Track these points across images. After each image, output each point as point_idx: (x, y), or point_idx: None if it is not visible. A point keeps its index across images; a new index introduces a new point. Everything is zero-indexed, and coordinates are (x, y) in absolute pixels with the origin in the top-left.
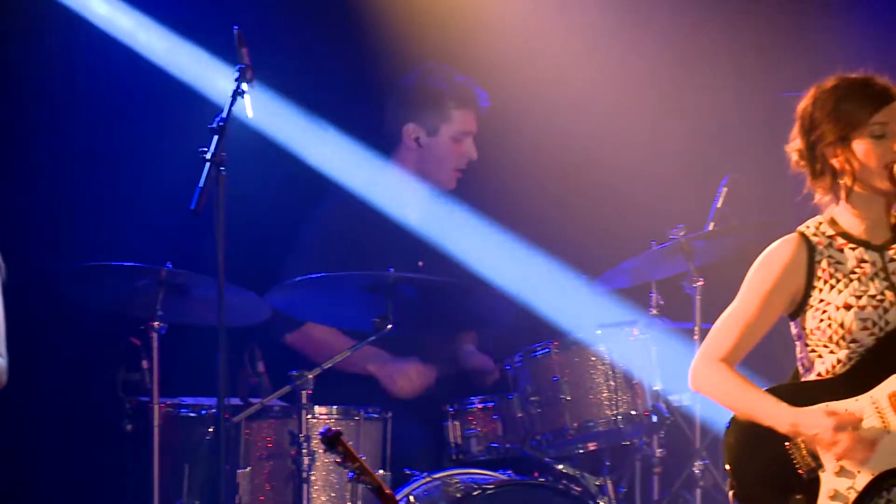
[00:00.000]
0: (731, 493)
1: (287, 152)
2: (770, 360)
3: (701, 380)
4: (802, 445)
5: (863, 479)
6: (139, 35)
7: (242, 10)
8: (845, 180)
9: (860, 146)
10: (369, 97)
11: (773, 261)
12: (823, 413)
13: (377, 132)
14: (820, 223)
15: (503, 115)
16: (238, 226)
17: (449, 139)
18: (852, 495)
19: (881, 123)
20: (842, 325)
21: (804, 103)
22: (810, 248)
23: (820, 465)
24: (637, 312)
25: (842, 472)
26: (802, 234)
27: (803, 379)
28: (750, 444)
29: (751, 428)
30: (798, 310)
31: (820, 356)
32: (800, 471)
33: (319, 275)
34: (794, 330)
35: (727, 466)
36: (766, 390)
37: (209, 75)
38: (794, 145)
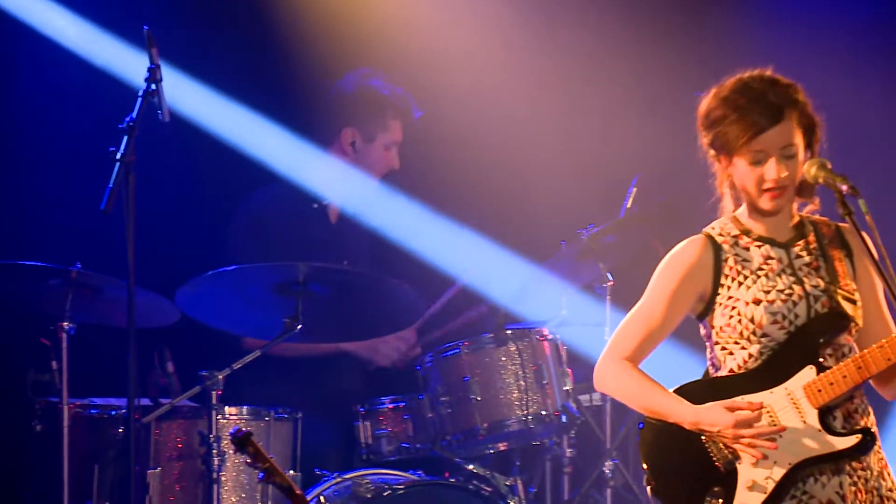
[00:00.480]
0: (649, 489)
1: (201, 153)
2: None
3: (605, 378)
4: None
5: (780, 470)
6: (51, 30)
7: (162, 5)
8: (736, 190)
9: (739, 166)
10: (296, 96)
11: (679, 261)
12: (723, 409)
13: (307, 131)
14: (725, 223)
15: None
16: (149, 227)
17: (382, 147)
18: (770, 485)
19: (756, 151)
20: (752, 320)
21: (703, 103)
22: (716, 247)
23: (737, 457)
24: (548, 312)
25: (759, 463)
26: (708, 235)
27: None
28: (666, 440)
29: (666, 424)
30: (706, 309)
31: (731, 353)
32: (717, 463)
33: (225, 268)
34: (703, 331)
35: (644, 465)
36: (680, 388)
37: (122, 72)
38: (702, 141)
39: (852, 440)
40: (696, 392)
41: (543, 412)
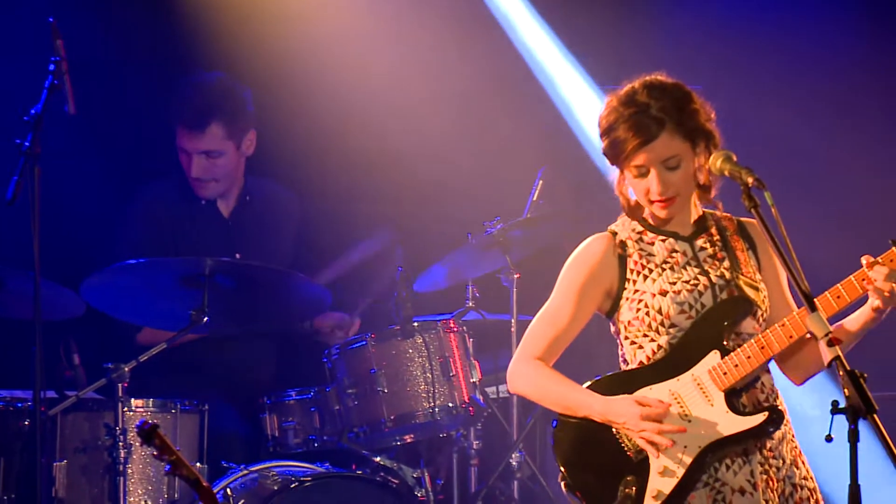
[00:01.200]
0: (563, 485)
1: (105, 144)
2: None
3: (518, 380)
4: None
5: (689, 455)
6: None
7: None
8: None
9: (627, 177)
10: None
11: (584, 259)
12: (631, 402)
13: None
14: (629, 219)
15: (311, 110)
16: (54, 219)
17: (180, 150)
18: (681, 471)
19: (638, 166)
20: (660, 311)
21: (601, 111)
22: (621, 243)
23: None
24: (454, 305)
25: (669, 450)
26: (612, 232)
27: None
28: (579, 435)
29: (578, 420)
30: (614, 305)
31: (640, 346)
32: (629, 452)
33: (134, 261)
34: (612, 328)
35: (560, 464)
36: (593, 383)
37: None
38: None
39: (759, 418)
40: (608, 386)
41: (450, 404)
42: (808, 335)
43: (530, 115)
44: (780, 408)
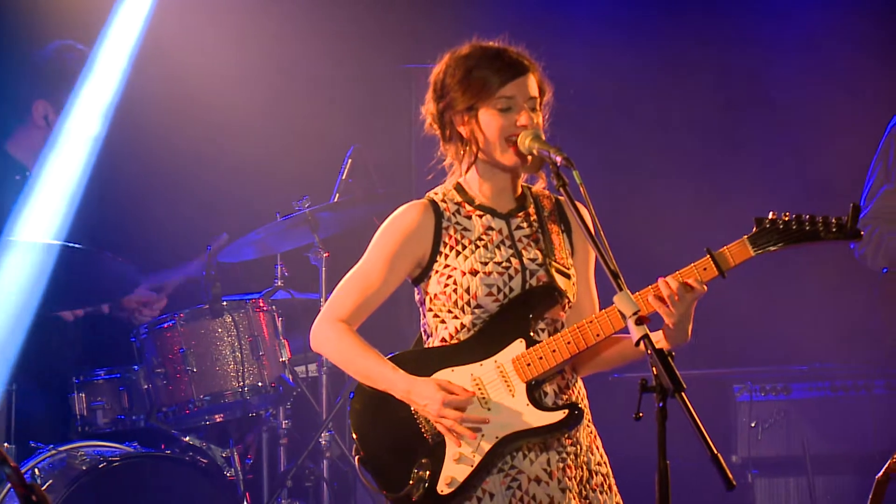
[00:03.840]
0: (357, 459)
1: None
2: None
3: (321, 340)
4: None
5: (487, 443)
6: None
7: None
8: (471, 148)
9: (485, 117)
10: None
11: (399, 225)
12: (436, 386)
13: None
14: (448, 190)
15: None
16: None
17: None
18: (477, 458)
19: (507, 97)
20: (467, 291)
21: (437, 69)
22: (437, 213)
23: None
24: (263, 284)
25: (465, 437)
26: (430, 200)
27: (427, 345)
28: (376, 409)
29: (376, 393)
30: (423, 275)
31: (443, 321)
32: (426, 435)
33: None
34: (417, 296)
35: (354, 434)
36: (395, 356)
37: None
38: (428, 108)
39: (559, 415)
40: (410, 361)
41: (260, 383)
42: (615, 335)
43: (341, 95)
44: (580, 405)
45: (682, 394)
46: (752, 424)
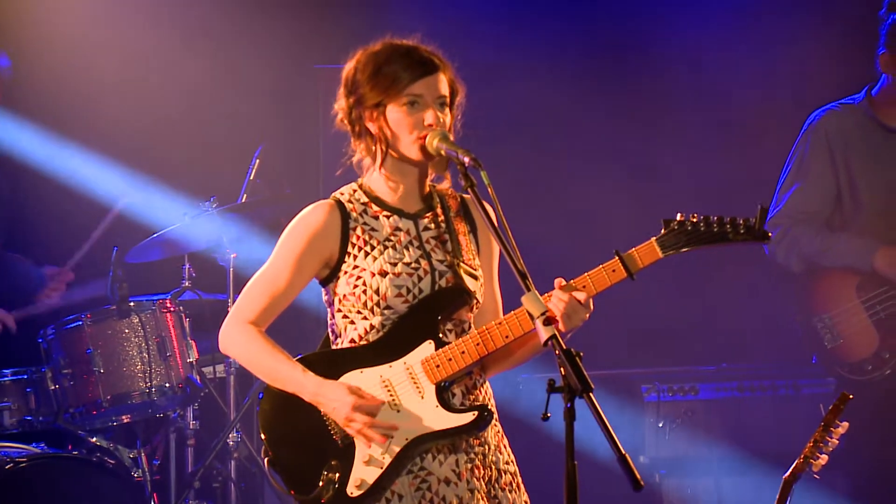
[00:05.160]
0: (266, 461)
1: None
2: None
3: (229, 342)
4: None
5: (396, 446)
6: None
7: None
8: (379, 146)
9: (393, 114)
10: None
11: (305, 225)
12: (345, 389)
13: None
14: (354, 190)
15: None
16: None
17: None
18: (387, 460)
19: (415, 95)
20: (377, 292)
21: (349, 65)
22: (344, 214)
23: None
24: (170, 285)
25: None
26: (336, 200)
27: (335, 345)
28: (285, 410)
29: (286, 394)
30: (331, 276)
31: (352, 322)
32: (335, 437)
33: None
34: (325, 297)
35: (262, 434)
36: (303, 357)
37: None
38: (339, 104)
39: (468, 417)
40: (318, 362)
41: (167, 384)
42: (525, 335)
43: (248, 95)
44: (490, 407)
45: (591, 394)
46: (660, 425)
